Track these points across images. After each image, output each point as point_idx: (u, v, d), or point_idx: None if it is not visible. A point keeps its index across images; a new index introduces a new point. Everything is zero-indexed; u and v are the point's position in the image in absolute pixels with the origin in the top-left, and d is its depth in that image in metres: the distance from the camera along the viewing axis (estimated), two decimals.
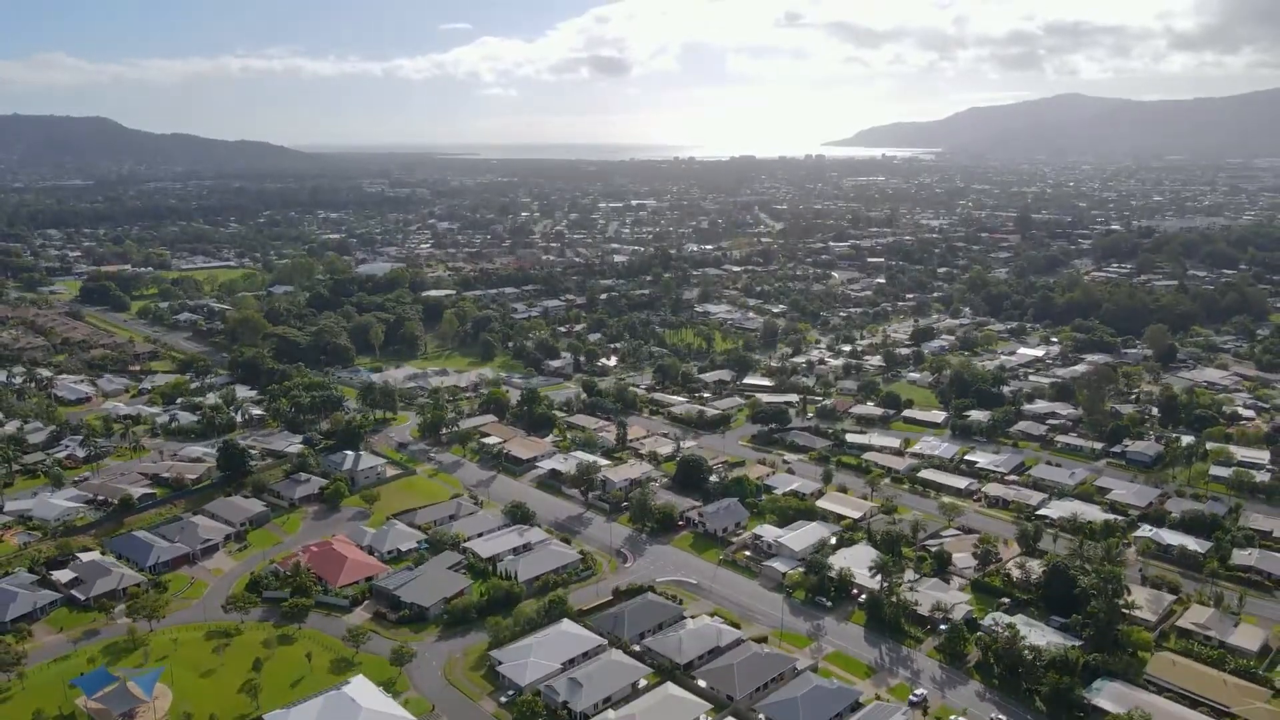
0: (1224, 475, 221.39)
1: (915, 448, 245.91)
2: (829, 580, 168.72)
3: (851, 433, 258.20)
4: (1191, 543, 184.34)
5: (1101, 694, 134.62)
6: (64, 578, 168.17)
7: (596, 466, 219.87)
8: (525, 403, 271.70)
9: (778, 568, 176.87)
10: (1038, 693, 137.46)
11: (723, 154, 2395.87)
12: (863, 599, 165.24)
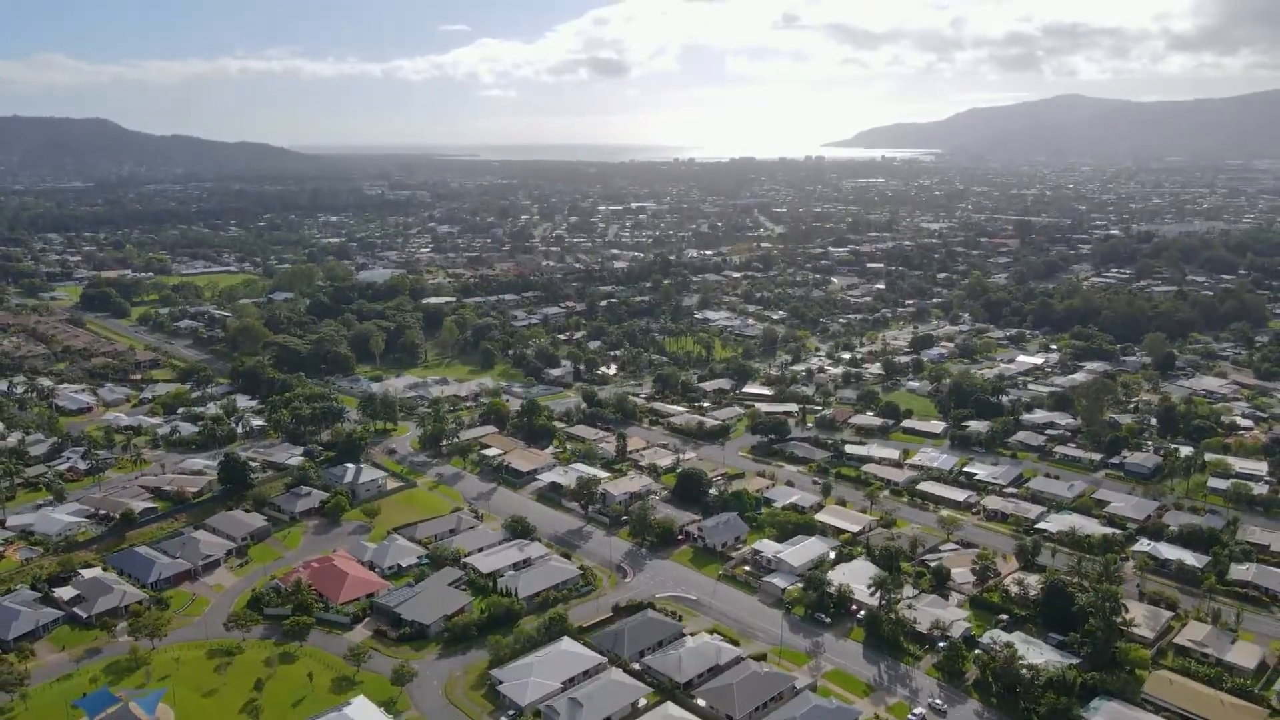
0: (1222, 487, 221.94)
1: (914, 459, 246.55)
2: (828, 596, 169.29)
3: (851, 443, 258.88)
4: (1189, 557, 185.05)
5: (1099, 714, 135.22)
6: (66, 595, 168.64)
7: (596, 480, 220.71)
8: (525, 413, 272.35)
9: (777, 583, 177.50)
10: (1035, 712, 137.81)
11: (722, 155, 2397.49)
12: (861, 615, 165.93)
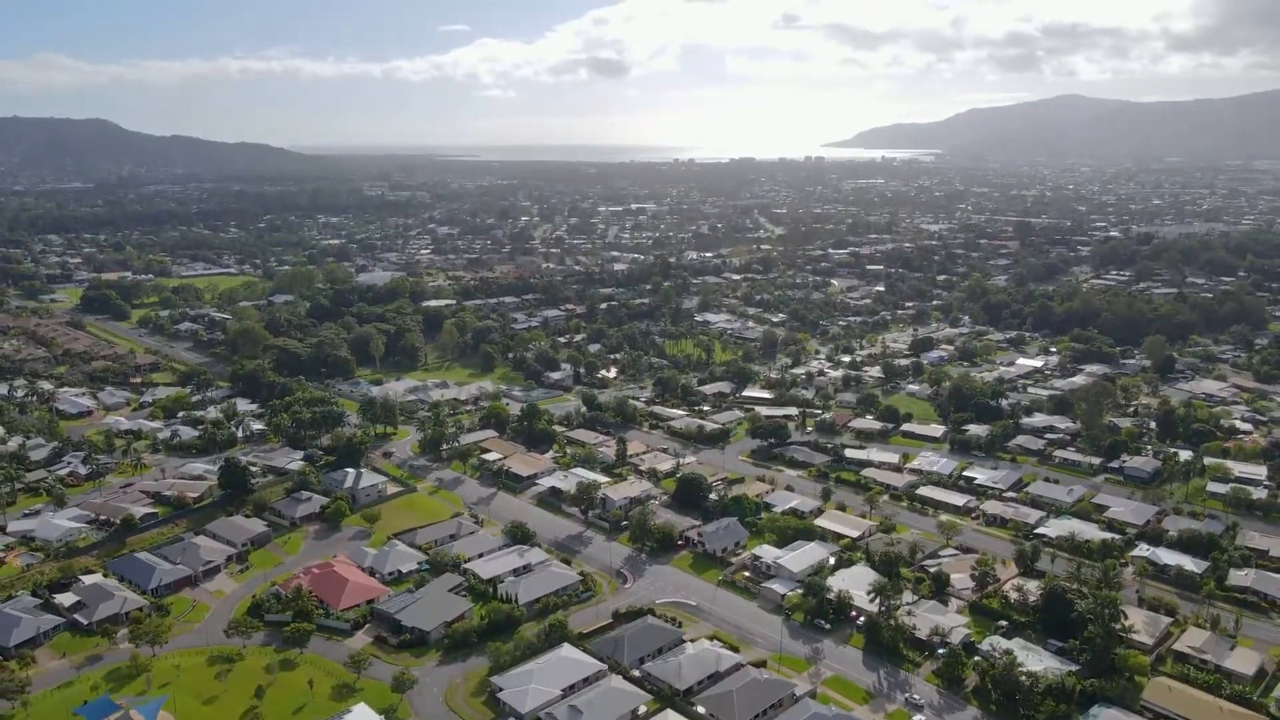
0: (1221, 492, 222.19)
1: (914, 463, 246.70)
2: (828, 602, 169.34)
3: (850, 447, 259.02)
4: (1189, 563, 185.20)
5: None
6: (67, 601, 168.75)
7: (596, 485, 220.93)
8: (525, 417, 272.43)
9: (777, 589, 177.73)
10: (1034, 719, 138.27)
11: (722, 155, 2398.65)
12: (861, 622, 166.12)
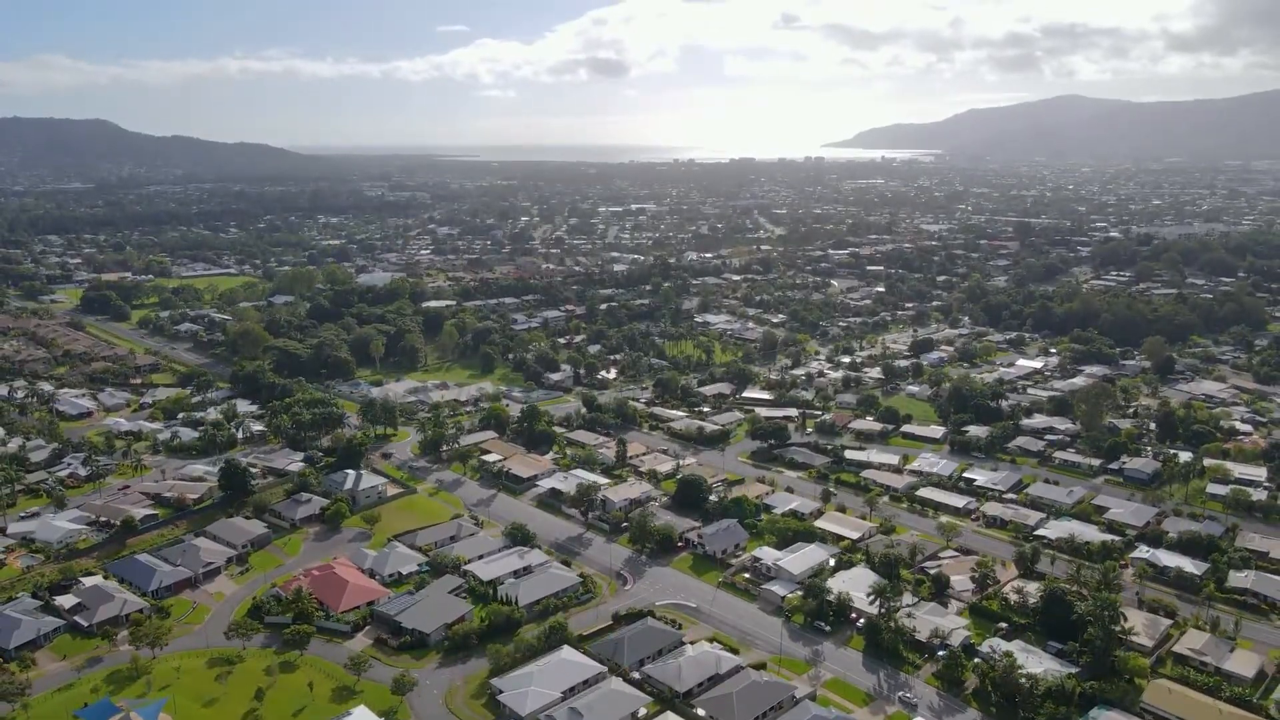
0: (1221, 493, 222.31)
1: (914, 465, 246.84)
2: (827, 604, 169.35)
3: (850, 448, 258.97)
4: (1188, 564, 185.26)
5: None
6: (67, 603, 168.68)
7: (596, 486, 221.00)
8: (525, 419, 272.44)
9: (776, 591, 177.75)
10: None
11: (722, 156, 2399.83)
12: (861, 624, 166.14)
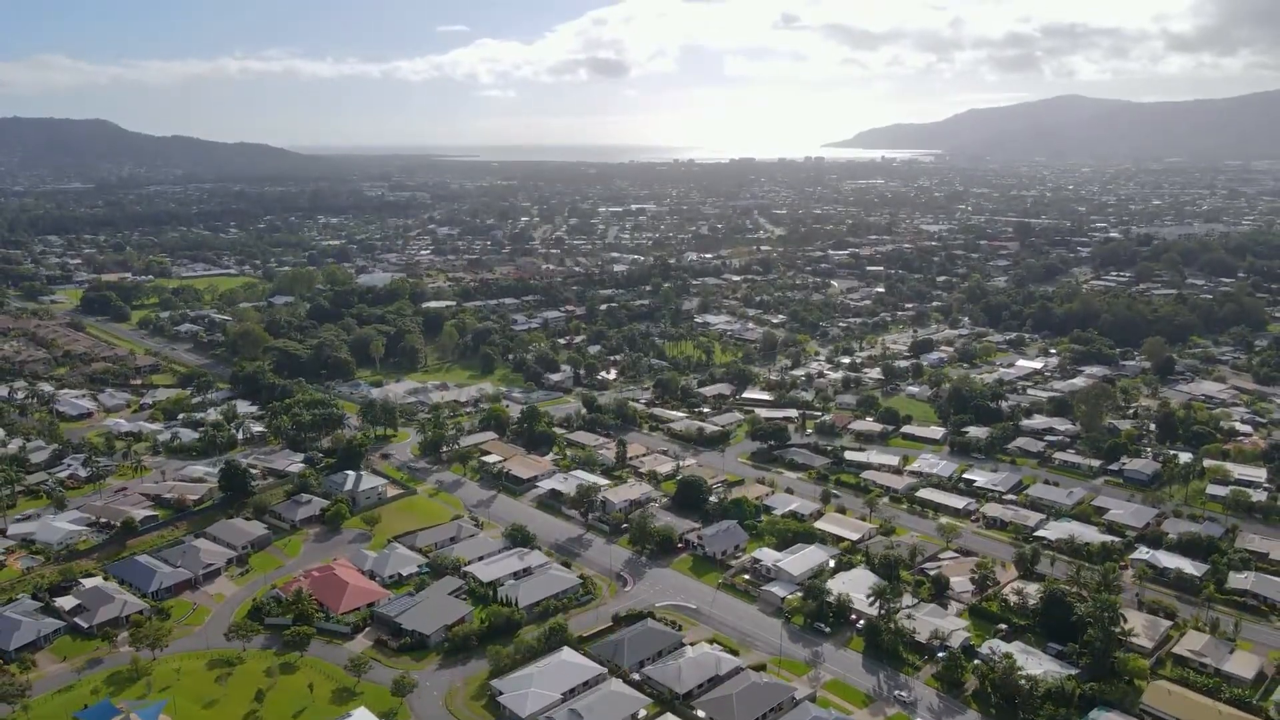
0: (1221, 494, 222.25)
1: (914, 465, 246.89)
2: (827, 606, 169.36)
3: (850, 449, 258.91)
4: (1188, 565, 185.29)
5: None
6: (67, 605, 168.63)
7: (596, 487, 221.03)
8: (525, 419, 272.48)
9: (776, 592, 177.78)
10: None
11: (722, 156, 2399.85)
12: (861, 625, 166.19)
